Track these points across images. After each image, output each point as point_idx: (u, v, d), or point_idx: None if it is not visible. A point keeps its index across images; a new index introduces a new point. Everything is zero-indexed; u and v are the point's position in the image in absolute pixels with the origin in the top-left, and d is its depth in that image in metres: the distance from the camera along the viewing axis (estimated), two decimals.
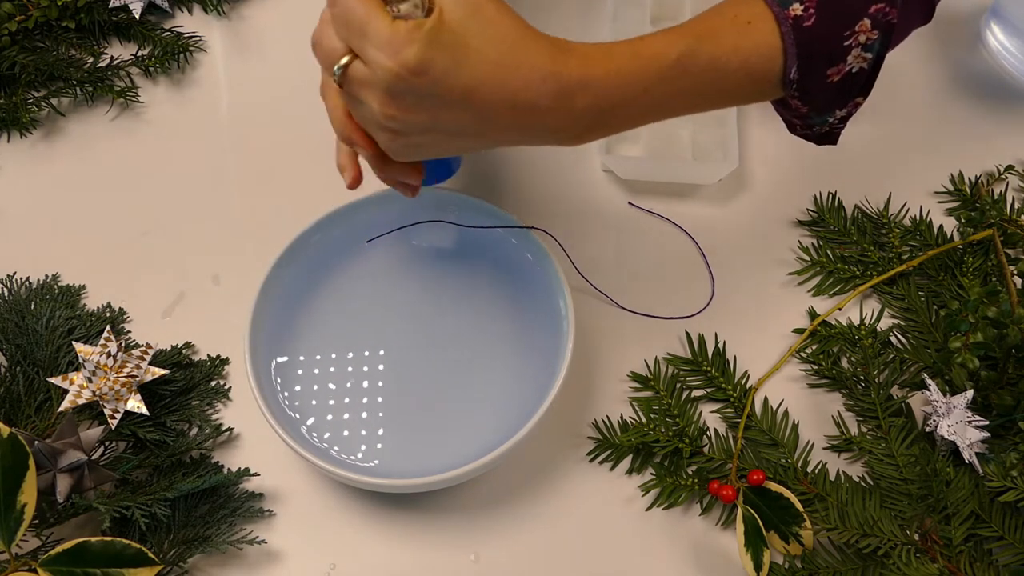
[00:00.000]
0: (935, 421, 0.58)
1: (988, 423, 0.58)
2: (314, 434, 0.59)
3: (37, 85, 0.77)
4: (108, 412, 0.59)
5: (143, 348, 0.61)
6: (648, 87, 0.49)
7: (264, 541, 0.58)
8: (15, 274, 0.68)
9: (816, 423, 0.61)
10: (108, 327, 0.62)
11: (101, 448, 0.59)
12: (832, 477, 0.59)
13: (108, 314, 0.66)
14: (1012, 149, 0.73)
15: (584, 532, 0.58)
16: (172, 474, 0.59)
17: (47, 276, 0.68)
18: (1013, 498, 0.54)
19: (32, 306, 0.65)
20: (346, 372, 0.61)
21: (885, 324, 0.65)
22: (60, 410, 0.58)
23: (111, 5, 0.79)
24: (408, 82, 0.44)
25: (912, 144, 0.74)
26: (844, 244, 0.68)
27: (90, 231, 0.71)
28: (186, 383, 0.63)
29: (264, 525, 0.59)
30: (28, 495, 0.52)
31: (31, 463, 0.52)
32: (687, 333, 0.65)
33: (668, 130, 0.72)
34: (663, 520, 0.58)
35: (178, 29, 0.80)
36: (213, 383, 0.63)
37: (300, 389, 0.60)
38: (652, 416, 0.61)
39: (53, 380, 0.60)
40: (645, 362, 0.64)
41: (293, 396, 0.60)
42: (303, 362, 0.61)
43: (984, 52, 0.79)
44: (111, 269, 0.69)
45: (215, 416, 0.62)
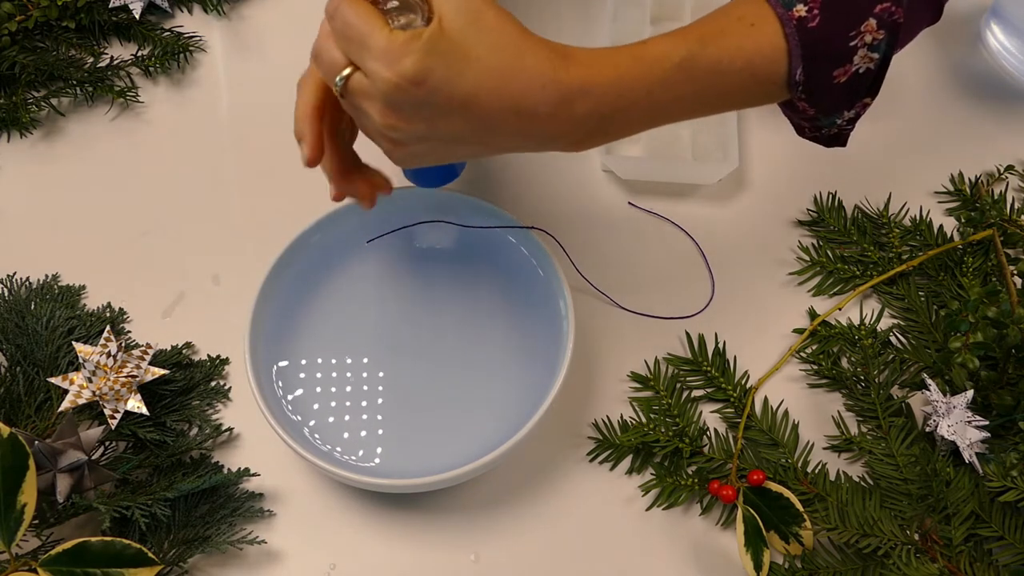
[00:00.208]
0: (935, 421, 0.58)
1: (988, 423, 0.58)
2: (315, 435, 0.59)
3: (37, 85, 0.77)
4: (108, 412, 0.59)
5: (143, 348, 0.61)
6: (650, 91, 0.49)
7: (264, 541, 0.57)
8: (15, 274, 0.68)
9: (816, 423, 0.61)
10: (108, 327, 0.62)
11: (101, 448, 0.59)
12: (832, 477, 0.59)
13: (108, 314, 0.66)
14: (1012, 149, 0.73)
15: (584, 532, 0.58)
16: (172, 474, 0.59)
17: (47, 276, 0.68)
18: (1013, 498, 0.54)
19: (32, 306, 0.65)
20: (346, 372, 0.61)
21: (885, 324, 0.65)
22: (60, 410, 0.58)
23: (111, 5, 0.79)
24: (406, 92, 0.44)
25: (912, 144, 0.74)
26: (844, 244, 0.68)
27: (90, 231, 0.71)
28: (186, 383, 0.63)
29: (264, 525, 0.59)
30: (28, 495, 0.52)
31: (31, 463, 0.52)
32: (687, 333, 0.65)
33: (668, 130, 0.72)
34: (663, 520, 0.58)
35: (178, 29, 0.80)
36: (213, 383, 0.63)
37: (300, 390, 0.60)
38: (652, 416, 0.61)
39: (53, 380, 0.60)
40: (645, 362, 0.64)
41: (293, 397, 0.60)
42: (303, 363, 0.61)
43: (984, 52, 0.79)
44: (111, 269, 0.69)
45: (215, 416, 0.62)
